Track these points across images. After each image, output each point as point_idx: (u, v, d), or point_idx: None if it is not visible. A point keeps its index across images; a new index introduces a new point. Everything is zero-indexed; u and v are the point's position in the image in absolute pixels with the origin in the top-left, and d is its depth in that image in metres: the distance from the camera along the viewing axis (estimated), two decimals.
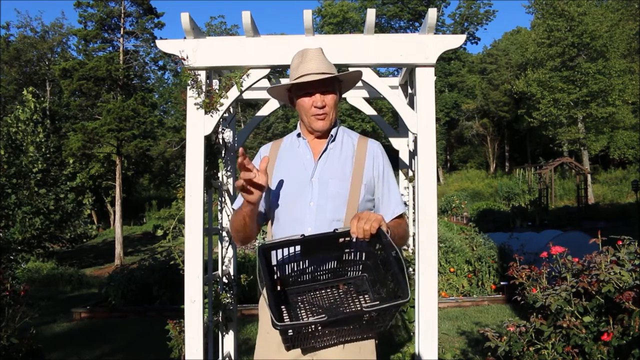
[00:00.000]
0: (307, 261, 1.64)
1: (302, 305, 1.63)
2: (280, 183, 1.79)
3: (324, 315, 1.44)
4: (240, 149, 1.53)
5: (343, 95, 2.10)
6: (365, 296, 1.63)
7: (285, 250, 1.62)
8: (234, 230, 1.81)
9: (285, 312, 1.61)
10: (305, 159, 1.81)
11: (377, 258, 1.59)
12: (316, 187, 1.74)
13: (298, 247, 1.61)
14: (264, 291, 1.48)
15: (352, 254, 1.64)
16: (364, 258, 1.65)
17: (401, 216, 1.84)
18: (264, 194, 1.68)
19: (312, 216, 1.72)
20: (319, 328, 1.45)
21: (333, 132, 1.82)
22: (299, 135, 1.86)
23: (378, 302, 1.56)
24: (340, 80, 1.83)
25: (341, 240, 1.57)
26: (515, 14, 73.59)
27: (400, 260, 1.45)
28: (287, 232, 1.70)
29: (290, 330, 1.46)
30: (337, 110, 1.84)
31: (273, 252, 1.64)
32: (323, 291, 1.66)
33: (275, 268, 1.65)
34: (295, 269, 1.65)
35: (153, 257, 9.40)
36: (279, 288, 1.66)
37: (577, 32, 22.21)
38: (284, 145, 1.89)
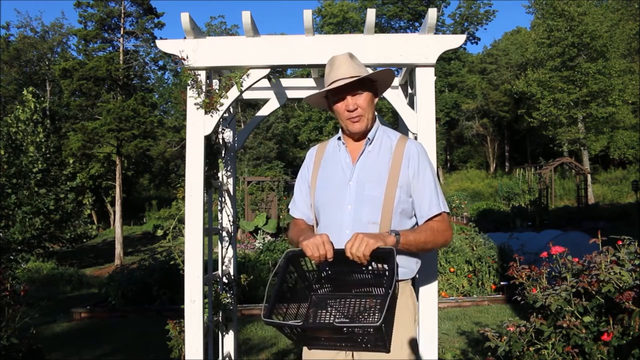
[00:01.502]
0: (338, 271, 1.72)
1: (329, 309, 1.72)
2: (323, 187, 1.85)
3: (299, 321, 1.57)
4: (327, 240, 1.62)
5: None
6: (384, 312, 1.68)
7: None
8: (292, 244, 1.88)
9: (310, 311, 1.73)
10: (344, 162, 1.85)
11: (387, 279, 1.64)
12: (353, 191, 1.78)
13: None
14: (269, 288, 1.58)
15: (377, 271, 1.67)
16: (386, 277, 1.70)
17: (438, 217, 1.80)
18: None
19: (349, 219, 1.76)
20: (298, 332, 1.54)
21: (370, 134, 1.85)
22: (339, 138, 1.91)
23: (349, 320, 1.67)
24: (373, 80, 1.85)
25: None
26: (515, 14, 73.56)
27: (390, 285, 1.50)
28: (329, 235, 1.74)
29: (288, 332, 1.54)
30: (374, 109, 1.87)
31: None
32: (354, 300, 1.72)
33: (313, 271, 1.74)
34: (330, 276, 1.73)
35: (153, 257, 9.40)
36: (318, 289, 1.77)
37: (577, 32, 22.19)
38: (327, 150, 1.94)
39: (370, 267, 1.64)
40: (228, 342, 3.24)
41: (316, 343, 1.62)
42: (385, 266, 1.63)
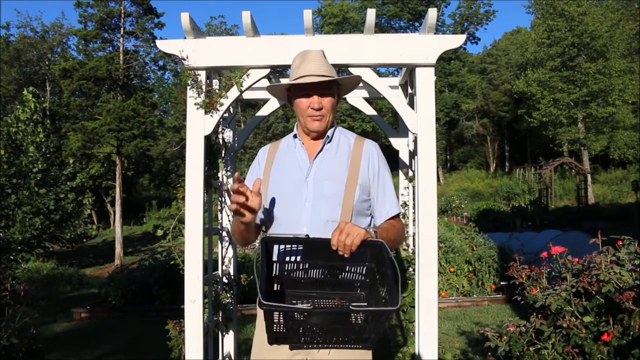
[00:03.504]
0: (307, 265, 1.64)
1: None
2: (277, 184, 1.81)
3: (310, 305, 1.44)
4: (237, 174, 1.53)
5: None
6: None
7: (288, 248, 1.63)
8: (235, 235, 1.83)
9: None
10: (301, 159, 1.82)
11: (375, 274, 1.58)
12: (311, 188, 1.75)
13: (300, 247, 1.61)
14: (257, 276, 1.48)
15: (354, 268, 1.63)
16: (364, 274, 1.63)
17: (396, 217, 1.83)
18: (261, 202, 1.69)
19: (307, 216, 1.73)
20: (302, 319, 1.44)
21: (329, 132, 1.83)
22: (295, 136, 1.87)
23: (366, 306, 1.57)
24: (339, 83, 1.84)
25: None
26: (515, 14, 73.64)
27: (396, 273, 1.45)
28: (283, 232, 1.71)
29: (276, 320, 1.45)
30: (335, 112, 1.85)
31: (275, 248, 1.64)
32: (320, 300, 1.66)
33: (275, 265, 1.65)
34: (296, 271, 1.66)
35: (153, 257, 9.40)
36: (277, 287, 1.66)
37: (577, 32, 22.20)
38: (281, 147, 1.90)
39: (351, 261, 1.58)
40: (228, 342, 3.23)
41: (300, 338, 1.53)
42: (365, 263, 1.59)
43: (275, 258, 1.65)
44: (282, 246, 1.64)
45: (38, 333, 3.43)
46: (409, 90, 2.88)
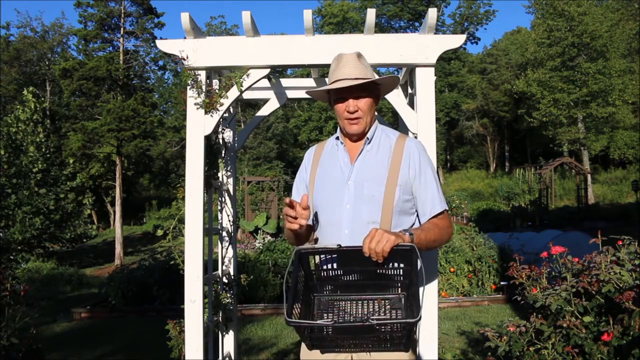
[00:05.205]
0: (346, 271, 1.68)
1: (336, 311, 1.67)
2: (321, 187, 1.84)
3: (330, 320, 1.48)
4: (288, 200, 1.62)
5: None
6: (398, 312, 1.64)
7: (324, 257, 1.67)
8: (290, 240, 1.89)
9: (316, 313, 1.67)
10: (343, 162, 1.84)
11: (412, 276, 1.60)
12: (352, 190, 1.77)
13: (334, 256, 1.65)
14: (285, 290, 1.53)
15: (391, 270, 1.64)
16: (402, 276, 1.65)
17: (440, 215, 1.80)
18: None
19: (348, 219, 1.75)
20: (330, 332, 1.48)
21: (369, 134, 1.84)
22: (337, 138, 1.90)
23: (388, 317, 1.60)
24: (377, 83, 1.85)
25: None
26: (515, 14, 73.68)
27: (421, 282, 1.48)
28: (327, 234, 1.76)
29: (307, 330, 1.50)
30: (374, 112, 1.87)
31: (312, 257, 1.69)
32: (360, 302, 1.69)
33: (314, 272, 1.69)
34: (336, 276, 1.70)
35: (153, 257, 9.41)
36: (325, 293, 1.71)
37: (577, 32, 22.18)
38: (325, 149, 1.93)
39: (386, 266, 1.60)
40: (228, 342, 3.23)
41: (335, 345, 1.57)
42: (402, 265, 1.60)
43: (314, 267, 1.69)
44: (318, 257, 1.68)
45: (38, 333, 3.43)
46: (409, 90, 2.87)
